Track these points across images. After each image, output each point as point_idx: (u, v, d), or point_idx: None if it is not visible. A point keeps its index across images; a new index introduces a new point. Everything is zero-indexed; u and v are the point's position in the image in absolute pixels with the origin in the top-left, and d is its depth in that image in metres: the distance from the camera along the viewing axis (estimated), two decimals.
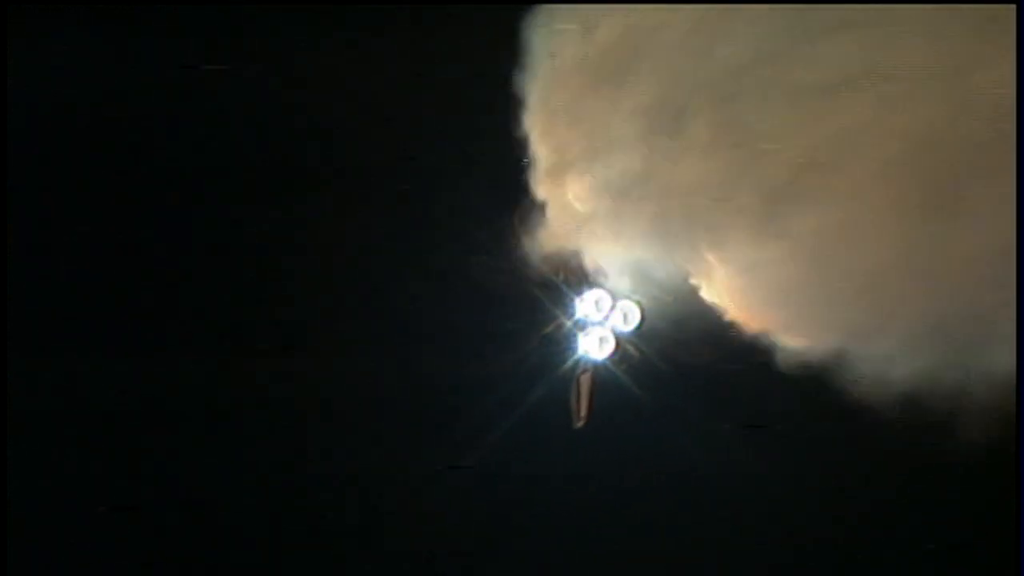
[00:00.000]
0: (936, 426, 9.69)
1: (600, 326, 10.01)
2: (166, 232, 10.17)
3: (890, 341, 9.70)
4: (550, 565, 10.11)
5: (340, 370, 9.99)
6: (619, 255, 9.88)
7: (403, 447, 10.02)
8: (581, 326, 10.03)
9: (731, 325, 9.88)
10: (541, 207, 9.84)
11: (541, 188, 9.80)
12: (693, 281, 9.91)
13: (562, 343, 10.04)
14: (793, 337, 9.81)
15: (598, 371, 10.04)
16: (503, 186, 9.80)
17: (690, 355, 10.00)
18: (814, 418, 10.00)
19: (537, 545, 10.07)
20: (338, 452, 10.01)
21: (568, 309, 10.03)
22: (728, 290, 9.84)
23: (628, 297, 9.99)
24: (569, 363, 10.03)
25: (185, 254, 10.15)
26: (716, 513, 10.07)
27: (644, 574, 10.13)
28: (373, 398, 10.01)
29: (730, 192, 9.62)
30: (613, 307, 9.99)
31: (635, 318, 9.99)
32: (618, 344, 10.02)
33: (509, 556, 10.07)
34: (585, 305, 10.00)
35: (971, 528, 10.07)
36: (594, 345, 10.02)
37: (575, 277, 9.99)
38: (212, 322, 10.08)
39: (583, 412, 10.02)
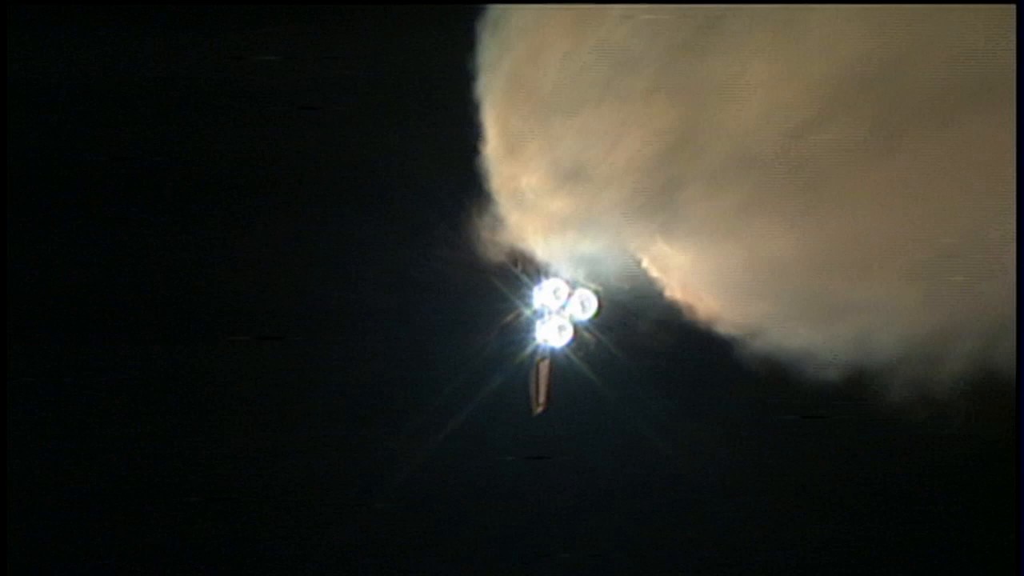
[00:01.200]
0: (898, 413, 9.93)
1: (558, 315, 10.15)
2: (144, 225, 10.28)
3: (848, 328, 9.90)
4: (511, 553, 10.28)
5: (300, 361, 10.11)
6: (575, 244, 10.00)
7: (365, 436, 10.15)
8: (539, 315, 10.16)
9: (685, 312, 10.05)
10: (497, 198, 9.94)
11: (497, 179, 9.89)
12: (648, 269, 10.06)
13: (521, 332, 10.17)
14: (743, 322, 10.00)
15: (556, 359, 10.18)
16: (460, 178, 9.88)
17: (646, 341, 10.16)
18: (774, 402, 10.19)
19: (498, 532, 10.24)
20: (295, 443, 10.15)
21: (526, 298, 10.15)
22: (682, 277, 10.01)
23: (585, 286, 10.12)
24: (528, 351, 10.17)
25: (157, 249, 10.24)
26: (673, 492, 10.25)
27: (601, 557, 10.31)
28: (333, 389, 10.14)
29: (681, 179, 9.75)
30: (571, 296, 10.12)
31: (592, 306, 10.13)
32: (576, 332, 10.17)
33: (470, 545, 10.24)
34: (543, 294, 10.13)
35: (967, 529, 10.28)
36: (552, 333, 10.16)
37: (532, 267, 10.11)
38: (176, 313, 10.17)
39: (542, 399, 10.18)
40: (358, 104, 10.17)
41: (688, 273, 10.01)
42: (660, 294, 10.08)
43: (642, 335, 10.14)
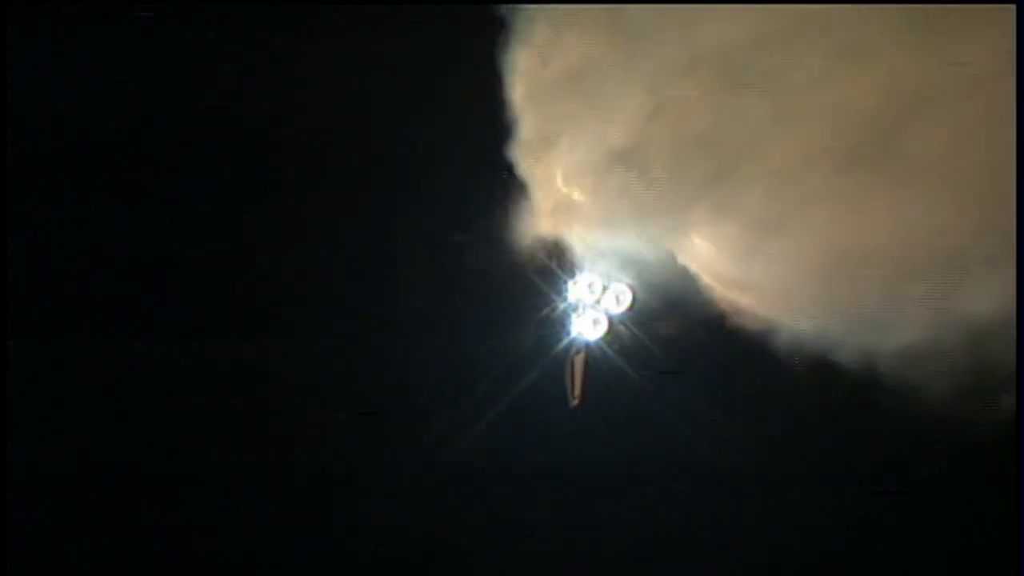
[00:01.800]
0: (937, 413, 9.95)
1: (593, 308, 10.31)
2: (147, 222, 10.51)
3: (892, 326, 9.97)
4: (549, 547, 10.42)
5: (332, 357, 10.31)
6: (609, 239, 10.17)
7: (403, 429, 10.35)
8: (574, 309, 10.33)
9: (719, 306, 10.18)
10: (531, 191, 10.13)
11: (530, 172, 10.08)
12: (683, 263, 10.21)
13: (556, 325, 10.35)
14: (779, 316, 10.11)
15: (591, 352, 10.35)
16: (493, 172, 10.08)
17: (680, 335, 10.30)
18: (809, 399, 10.26)
19: (535, 526, 10.39)
20: (328, 440, 10.33)
21: (561, 292, 10.32)
22: (717, 271, 10.14)
23: (620, 280, 10.28)
24: (563, 344, 10.34)
25: (182, 244, 10.50)
26: (709, 491, 10.36)
27: (639, 553, 10.44)
28: (368, 385, 10.35)
29: (718, 173, 9.89)
30: (605, 290, 10.28)
31: (627, 300, 10.29)
32: (610, 325, 10.33)
33: (507, 539, 10.38)
34: (578, 288, 10.30)
35: (973, 527, 10.31)
36: (587, 326, 10.33)
37: (567, 261, 10.29)
38: (206, 308, 10.44)
39: (577, 391, 10.34)
40: (386, 97, 10.36)
41: (723, 268, 10.16)
42: (695, 289, 10.22)
43: (676, 329, 10.30)
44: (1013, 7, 9.42)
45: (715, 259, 10.13)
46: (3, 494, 10.10)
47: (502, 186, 10.10)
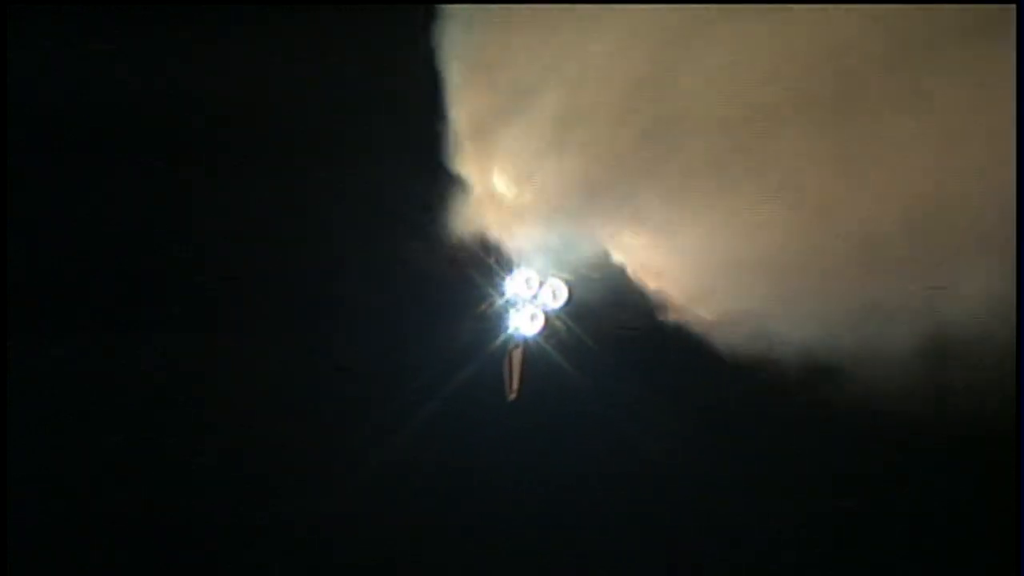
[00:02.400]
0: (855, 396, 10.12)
1: (530, 303, 10.44)
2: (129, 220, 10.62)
3: (811, 317, 10.10)
4: (483, 536, 10.55)
5: (272, 353, 10.42)
6: (545, 235, 10.29)
7: (342, 422, 10.45)
8: (512, 304, 10.46)
9: (653, 300, 10.32)
10: (467, 190, 10.24)
11: (467, 170, 10.19)
12: (616, 258, 10.34)
13: (494, 320, 10.47)
14: (713, 309, 10.25)
15: (529, 346, 10.47)
16: (431, 168, 10.18)
17: (615, 329, 10.45)
18: (741, 391, 10.42)
19: (472, 516, 10.52)
20: (266, 433, 10.42)
21: (499, 288, 10.45)
22: (648, 267, 10.29)
23: (556, 275, 10.41)
24: (501, 339, 10.46)
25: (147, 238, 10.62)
26: (642, 477, 10.51)
27: (571, 540, 10.58)
28: (310, 376, 10.44)
29: (647, 168, 10.00)
30: (542, 285, 10.41)
31: (563, 295, 10.42)
32: (547, 320, 10.46)
33: (444, 531, 10.51)
34: (515, 284, 10.42)
35: (964, 526, 10.42)
36: (524, 322, 10.45)
37: (504, 257, 10.41)
38: (163, 303, 10.54)
39: (515, 385, 10.46)
40: (330, 98, 10.47)
41: (655, 262, 10.29)
42: (629, 283, 10.35)
43: (611, 323, 10.43)
44: (1013, 7, 9.48)
45: (649, 255, 10.28)
46: (3, 496, 10.20)
47: (439, 183, 10.20)
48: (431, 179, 10.21)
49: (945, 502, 10.38)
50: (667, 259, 10.26)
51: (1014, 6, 9.49)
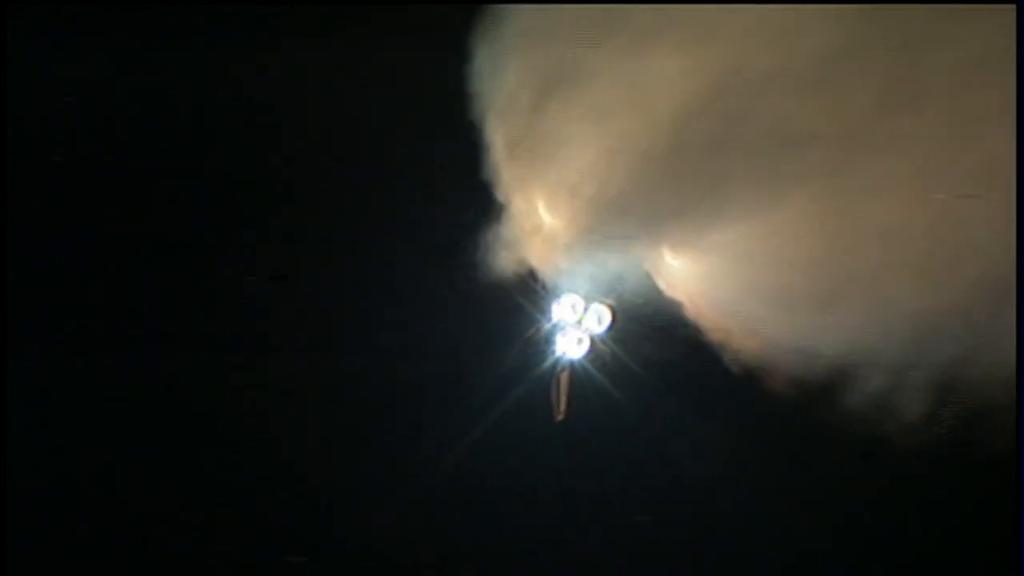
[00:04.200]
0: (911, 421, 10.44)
1: (576, 328, 10.87)
2: (149, 229, 11.11)
3: (853, 341, 10.39)
4: (536, 551, 10.89)
5: (326, 374, 10.89)
6: (590, 260, 10.73)
7: (397, 442, 10.89)
8: (558, 328, 10.89)
9: (694, 324, 10.71)
10: (514, 217, 10.72)
11: (512, 197, 10.67)
12: (659, 283, 10.76)
13: (541, 344, 10.90)
14: (754, 335, 10.60)
15: (575, 369, 10.89)
16: (478, 196, 10.65)
17: (658, 352, 10.84)
18: (781, 411, 10.70)
19: (521, 531, 10.88)
20: (321, 455, 10.85)
21: (546, 313, 10.89)
22: (690, 291, 10.69)
23: (601, 300, 10.84)
24: (548, 362, 10.90)
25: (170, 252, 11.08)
26: (685, 495, 10.84)
27: (620, 561, 10.91)
28: (363, 402, 10.90)
29: (690, 192, 10.39)
30: (587, 310, 10.84)
31: (607, 319, 10.85)
32: (593, 344, 10.89)
33: (495, 548, 10.88)
34: (561, 309, 10.87)
35: (971, 528, 10.70)
36: (571, 345, 10.89)
37: (551, 283, 10.85)
38: (204, 321, 11.01)
39: (562, 406, 10.87)
40: (377, 124, 11.01)
41: (697, 285, 10.69)
42: (672, 307, 10.76)
43: (655, 346, 10.84)
44: (1013, 7, 9.67)
45: (690, 277, 10.68)
46: (3, 498, 10.54)
47: (486, 211, 10.69)
48: (478, 207, 10.69)
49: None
50: (710, 282, 10.64)
51: (1014, 6, 9.67)
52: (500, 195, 10.66)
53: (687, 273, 10.67)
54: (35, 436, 10.75)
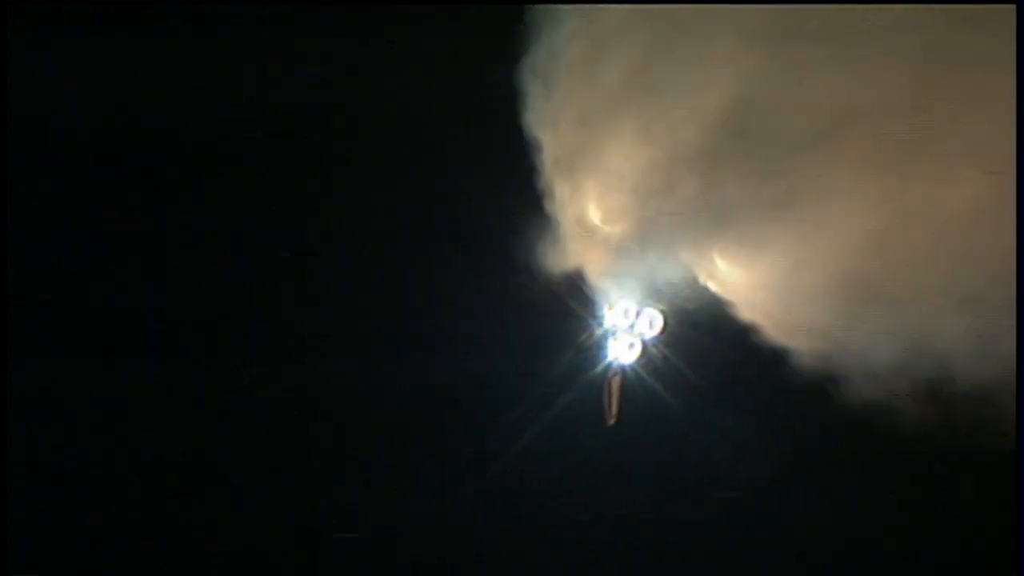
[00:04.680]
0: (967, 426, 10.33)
1: (628, 333, 10.96)
2: (166, 231, 11.24)
3: (911, 344, 10.35)
4: (588, 559, 11.01)
5: (380, 375, 11.05)
6: (642, 265, 10.82)
7: (445, 447, 11.07)
8: (611, 333, 10.99)
9: (747, 329, 10.75)
10: (567, 223, 10.84)
11: (565, 203, 10.79)
12: (711, 288, 10.82)
13: (594, 349, 11.01)
14: (807, 337, 10.60)
15: (627, 374, 10.99)
16: (534, 202, 10.80)
17: (710, 357, 10.90)
18: (831, 418, 10.69)
19: (573, 532, 11.00)
20: (374, 456, 11.04)
21: (598, 319, 11.00)
22: (741, 295, 10.72)
23: (652, 305, 10.92)
24: (601, 367, 11.00)
25: (198, 254, 11.22)
26: (733, 498, 10.89)
27: (670, 565, 10.97)
28: (418, 402, 11.07)
29: (740, 196, 10.42)
30: (639, 315, 10.93)
31: (659, 324, 10.93)
32: (644, 348, 10.97)
33: (547, 550, 11.00)
34: (614, 314, 10.96)
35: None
36: (623, 350, 10.98)
37: (602, 289, 10.96)
38: (235, 326, 11.17)
39: (614, 410, 10.97)
40: (428, 126, 11.17)
41: (748, 290, 10.73)
42: (723, 311, 10.80)
43: (706, 351, 10.89)
44: (1013, 7, 9.66)
45: (740, 280, 10.72)
46: (3, 499, 10.67)
47: (541, 217, 10.82)
48: (531, 212, 10.82)
49: None
50: (761, 286, 10.67)
51: (1014, 6, 9.64)
52: (553, 200, 10.78)
53: (738, 277, 10.71)
54: (35, 435, 10.95)
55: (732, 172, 10.33)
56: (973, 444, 10.36)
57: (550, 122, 10.66)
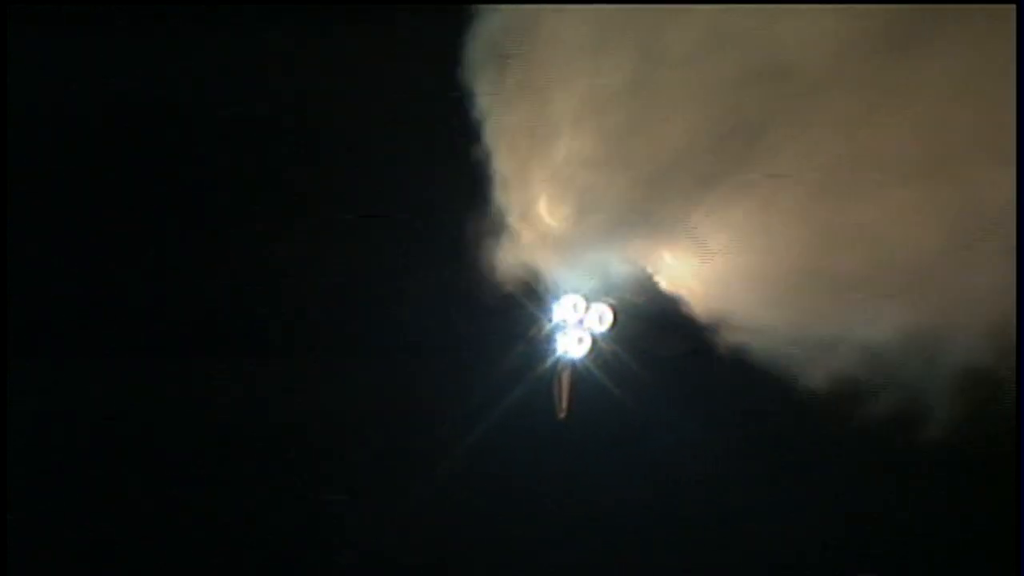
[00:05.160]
0: (916, 419, 10.44)
1: (577, 327, 10.96)
2: (156, 234, 11.21)
3: (864, 339, 10.40)
4: (539, 553, 11.05)
5: (320, 375, 11.02)
6: (591, 259, 10.80)
7: (395, 443, 11.06)
8: (560, 328, 10.98)
9: (698, 323, 10.77)
10: (516, 218, 10.79)
11: (512, 198, 10.75)
12: (660, 283, 10.82)
13: (544, 343, 11.00)
14: (758, 331, 10.63)
15: (577, 368, 10.99)
16: (480, 196, 10.73)
17: (661, 351, 10.92)
18: (782, 412, 10.82)
19: (525, 530, 11.04)
20: (317, 459, 11.04)
21: (547, 313, 10.98)
22: (692, 291, 10.74)
23: (601, 300, 10.92)
24: (551, 361, 10.99)
25: (174, 257, 11.19)
26: (684, 495, 10.96)
27: (622, 558, 11.03)
28: (357, 402, 11.06)
29: (691, 189, 10.42)
30: (588, 309, 10.92)
31: (609, 319, 10.93)
32: (594, 343, 10.97)
33: (500, 545, 11.04)
34: (562, 309, 10.95)
35: (970, 529, 10.75)
36: (572, 345, 10.97)
37: (551, 283, 10.94)
38: (200, 326, 11.11)
39: (564, 404, 10.99)
40: (371, 120, 11.09)
41: (699, 284, 10.74)
42: (674, 306, 10.81)
43: (656, 345, 10.91)
44: (1013, 7, 9.65)
45: (693, 277, 10.73)
46: (3, 498, 10.71)
47: (488, 211, 10.77)
48: (477, 206, 10.77)
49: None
50: (710, 282, 10.69)
51: (1014, 6, 9.64)
52: (500, 195, 10.73)
53: (687, 271, 10.71)
54: (35, 434, 10.95)
55: (681, 167, 10.30)
56: (929, 439, 10.46)
57: (496, 114, 10.58)
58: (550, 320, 10.97)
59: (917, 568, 10.80)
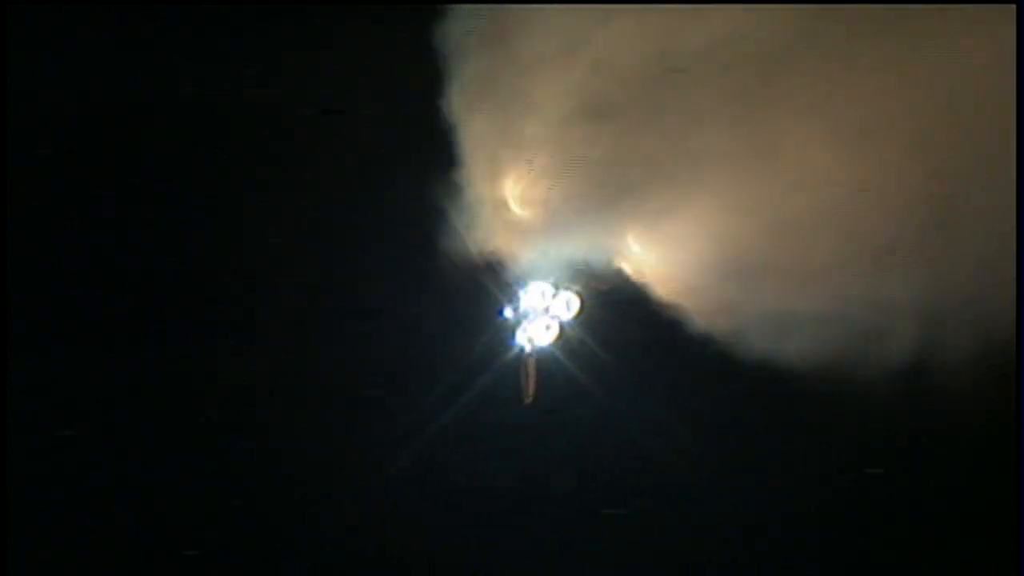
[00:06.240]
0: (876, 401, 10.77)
1: (544, 315, 11.13)
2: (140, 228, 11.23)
3: (826, 321, 10.69)
4: (498, 534, 11.18)
5: (291, 362, 11.08)
6: (559, 248, 10.99)
7: (362, 429, 11.11)
8: (527, 315, 11.15)
9: (662, 309, 11.01)
10: (484, 207, 10.95)
11: (481, 189, 10.90)
12: (625, 270, 11.05)
13: (511, 331, 11.15)
14: (722, 316, 10.90)
15: (544, 355, 11.15)
16: (447, 183, 10.85)
17: (624, 337, 11.14)
18: (747, 392, 11.06)
19: (489, 513, 11.16)
20: (288, 439, 11.06)
21: (515, 300, 11.14)
22: (657, 277, 10.98)
23: (569, 288, 11.11)
24: (517, 348, 11.15)
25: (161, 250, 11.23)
26: (647, 476, 11.16)
27: (589, 545, 11.21)
28: (327, 389, 11.10)
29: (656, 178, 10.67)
30: (555, 297, 11.11)
31: (575, 306, 11.12)
32: (561, 330, 11.16)
33: (466, 533, 11.13)
34: (530, 296, 11.12)
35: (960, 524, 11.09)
36: (539, 332, 11.15)
37: (520, 271, 11.10)
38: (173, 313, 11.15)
39: (530, 390, 11.14)
40: (352, 111, 11.20)
41: (662, 269, 10.98)
42: (639, 293, 11.04)
43: (621, 332, 11.13)
44: (1013, 7, 9.84)
45: (653, 262, 10.97)
46: (4, 499, 10.71)
47: (457, 201, 10.91)
48: (446, 197, 10.90)
49: (952, 500, 11.05)
50: (674, 268, 10.94)
51: (1014, 6, 9.88)
52: (469, 185, 10.87)
53: (651, 258, 10.95)
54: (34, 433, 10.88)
55: (644, 153, 10.55)
56: (892, 417, 10.84)
57: (466, 106, 10.73)
58: (518, 308, 11.14)
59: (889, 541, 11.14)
